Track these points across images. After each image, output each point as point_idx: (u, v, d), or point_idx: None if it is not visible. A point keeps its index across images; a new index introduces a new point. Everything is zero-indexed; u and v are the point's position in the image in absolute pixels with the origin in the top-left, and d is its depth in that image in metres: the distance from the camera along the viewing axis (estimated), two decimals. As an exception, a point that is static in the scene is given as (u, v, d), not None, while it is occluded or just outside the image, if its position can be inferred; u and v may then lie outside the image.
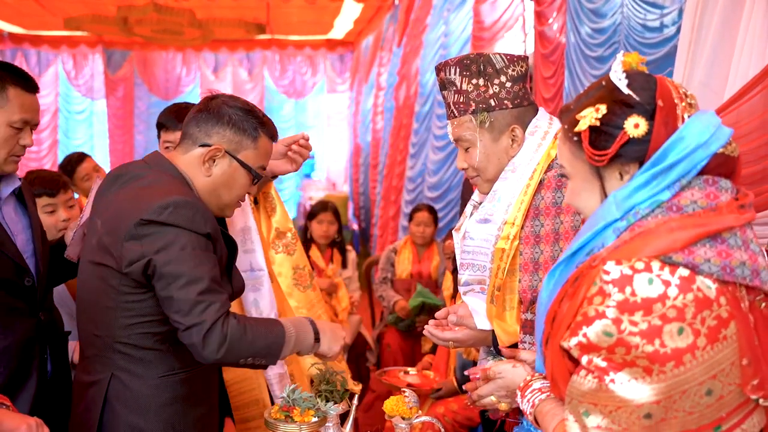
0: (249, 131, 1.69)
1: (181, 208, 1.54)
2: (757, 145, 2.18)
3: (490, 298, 1.70)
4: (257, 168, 1.73)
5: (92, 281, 1.65)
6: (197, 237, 1.55)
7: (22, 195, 1.96)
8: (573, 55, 3.57)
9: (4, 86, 1.79)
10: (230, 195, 1.72)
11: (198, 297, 1.50)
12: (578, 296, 1.08)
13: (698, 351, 1.01)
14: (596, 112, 1.13)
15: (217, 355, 1.51)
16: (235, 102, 1.72)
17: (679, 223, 1.06)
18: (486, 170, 1.74)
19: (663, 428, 1.02)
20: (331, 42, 11.06)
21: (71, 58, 11.00)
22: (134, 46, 10.73)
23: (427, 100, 6.47)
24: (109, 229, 1.58)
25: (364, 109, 9.80)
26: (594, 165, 1.15)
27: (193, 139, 1.69)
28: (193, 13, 7.92)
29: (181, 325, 1.51)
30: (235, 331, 1.52)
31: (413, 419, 1.76)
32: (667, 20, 2.96)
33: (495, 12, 4.74)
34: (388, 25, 8.19)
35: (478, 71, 1.69)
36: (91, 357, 1.68)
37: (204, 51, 11.03)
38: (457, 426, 3.00)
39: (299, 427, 1.58)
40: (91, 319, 1.66)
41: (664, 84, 1.14)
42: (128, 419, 1.63)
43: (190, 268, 1.51)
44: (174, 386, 1.66)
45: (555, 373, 1.15)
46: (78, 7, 8.24)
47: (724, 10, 2.37)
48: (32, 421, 1.39)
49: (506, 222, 1.67)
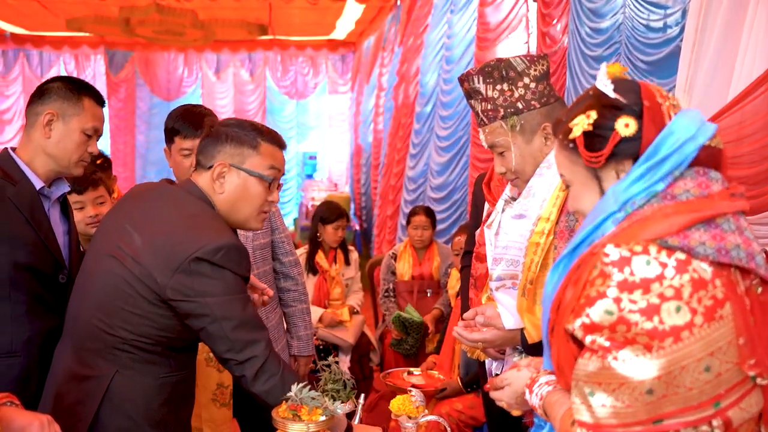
0: (247, 141, 1.75)
1: (232, 252, 1.65)
2: (761, 145, 2.19)
3: (522, 292, 1.72)
4: (268, 171, 1.76)
5: (111, 279, 1.67)
6: (241, 281, 1.69)
7: (66, 204, 2.10)
8: (574, 56, 3.58)
9: (80, 97, 2.00)
10: (250, 206, 1.77)
11: (250, 336, 1.66)
12: (581, 281, 1.13)
13: (695, 328, 1.06)
14: (587, 118, 1.20)
15: (264, 387, 1.67)
16: (230, 121, 1.82)
17: (674, 209, 1.12)
18: (524, 171, 1.76)
19: (665, 404, 1.06)
20: (333, 42, 11.07)
21: (73, 59, 11.03)
22: (136, 47, 10.75)
23: (428, 101, 6.48)
24: (156, 253, 1.64)
25: (365, 110, 9.81)
26: (591, 167, 1.22)
27: (202, 165, 1.77)
28: (195, 14, 7.94)
29: (235, 361, 1.67)
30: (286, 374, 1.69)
31: (420, 418, 1.77)
32: (669, 21, 2.97)
33: (499, 13, 4.76)
34: (389, 25, 8.20)
35: (501, 77, 1.70)
36: (92, 350, 1.69)
37: (206, 52, 11.05)
38: (462, 425, 3.01)
39: (307, 426, 1.58)
40: (102, 314, 1.68)
41: (648, 87, 1.21)
42: (123, 415, 1.67)
43: (239, 310, 1.66)
44: (170, 387, 1.73)
45: (561, 360, 1.20)
46: (80, 8, 8.25)
47: (728, 11, 2.38)
48: (44, 419, 1.39)
49: (541, 217, 1.69)
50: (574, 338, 1.14)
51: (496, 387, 1.45)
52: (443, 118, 5.97)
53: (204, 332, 1.67)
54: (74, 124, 1.97)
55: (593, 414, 1.08)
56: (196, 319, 1.65)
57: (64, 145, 1.97)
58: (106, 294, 1.68)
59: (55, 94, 1.98)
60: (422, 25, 6.63)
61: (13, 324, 1.87)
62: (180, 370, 1.75)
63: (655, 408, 1.06)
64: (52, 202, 2.02)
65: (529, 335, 1.71)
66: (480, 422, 3.04)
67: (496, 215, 1.86)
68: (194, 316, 1.64)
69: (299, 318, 2.77)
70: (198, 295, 1.62)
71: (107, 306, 1.67)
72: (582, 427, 1.10)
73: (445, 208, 5.73)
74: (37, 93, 2.00)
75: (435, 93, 6.27)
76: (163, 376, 1.71)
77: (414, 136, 6.82)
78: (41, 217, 1.93)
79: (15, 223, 1.87)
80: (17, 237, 1.87)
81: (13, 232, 1.86)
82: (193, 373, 1.87)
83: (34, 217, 1.90)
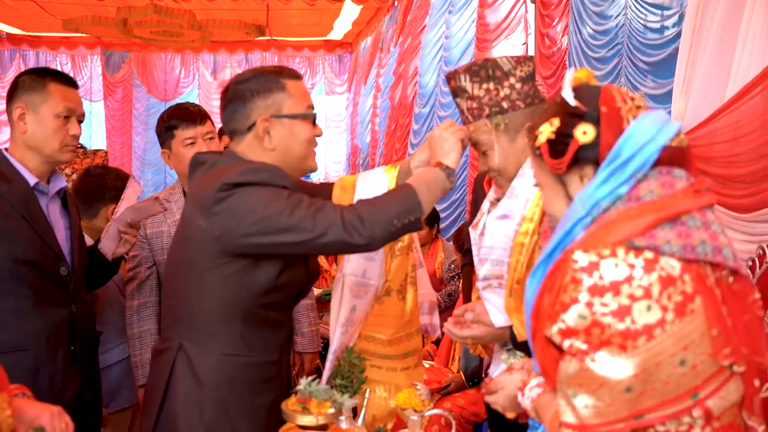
0: (273, 86, 1.70)
1: (260, 171, 1.60)
2: (758, 144, 2.23)
3: (509, 292, 1.74)
4: (306, 109, 1.73)
5: (175, 255, 1.73)
6: (278, 188, 1.59)
7: (66, 198, 2.10)
8: (575, 56, 3.62)
9: (45, 82, 1.99)
10: (301, 148, 1.72)
11: (310, 209, 1.55)
12: (555, 288, 1.17)
13: (667, 325, 1.08)
14: (550, 126, 1.25)
15: (368, 233, 1.54)
16: (244, 75, 1.74)
17: (638, 210, 1.15)
18: (506, 170, 1.78)
19: (644, 400, 1.09)
20: (330, 43, 11.09)
21: (70, 60, 11.01)
22: (133, 48, 10.75)
23: (427, 102, 6.51)
24: (194, 203, 1.64)
25: (362, 111, 9.83)
26: (556, 173, 1.26)
27: (239, 131, 1.72)
28: (193, 14, 7.94)
29: (318, 237, 1.53)
30: (364, 207, 1.57)
31: (425, 412, 1.80)
32: (668, 22, 3.01)
33: (498, 14, 4.81)
34: (387, 26, 8.23)
35: (487, 76, 1.72)
36: (166, 326, 1.75)
37: (203, 52, 11.06)
38: (463, 421, 3.04)
39: (316, 418, 1.61)
40: (170, 290, 1.74)
41: (609, 91, 1.24)
42: (188, 390, 1.65)
43: (285, 199, 1.56)
44: (235, 367, 1.66)
45: (545, 364, 1.23)
46: (77, 9, 8.25)
47: (725, 12, 2.41)
48: (55, 410, 1.41)
49: (525, 218, 1.71)
50: (555, 343, 1.17)
51: (491, 391, 1.48)
52: (442, 119, 6.00)
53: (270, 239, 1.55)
54: (44, 111, 1.97)
55: (577, 415, 1.11)
56: (253, 237, 1.55)
57: (41, 134, 1.97)
58: (173, 270, 1.72)
59: (21, 88, 1.98)
60: (420, 25, 6.66)
61: (19, 318, 1.89)
62: (250, 353, 1.68)
63: (635, 404, 1.09)
64: (50, 198, 2.03)
65: (518, 333, 1.73)
66: (481, 417, 3.07)
67: (482, 216, 1.89)
68: (249, 235, 1.55)
69: (303, 314, 2.79)
70: (237, 212, 1.55)
71: (173, 280, 1.72)
72: (568, 428, 1.13)
73: (444, 208, 5.76)
74: (8, 92, 2.02)
75: (434, 94, 6.30)
76: (228, 354, 1.65)
77: (413, 136, 6.84)
78: (36, 212, 1.95)
79: (10, 220, 1.89)
80: (14, 232, 1.89)
81: (9, 229, 1.88)
82: (274, 362, 1.76)
83: (29, 213, 1.92)
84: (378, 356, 1.96)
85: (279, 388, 1.77)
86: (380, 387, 1.97)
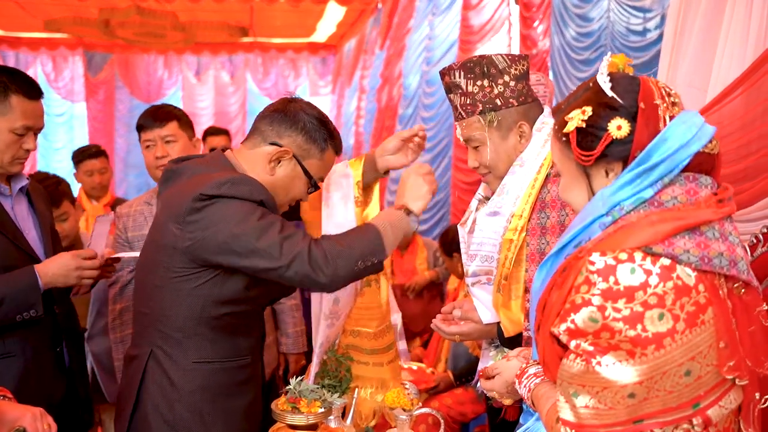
0: (319, 141, 1.73)
1: (238, 184, 1.59)
2: (738, 145, 2.26)
3: (497, 288, 1.76)
4: (317, 179, 1.76)
5: (147, 260, 1.71)
6: (254, 204, 1.59)
7: (29, 194, 2.04)
8: (558, 58, 3.65)
9: (7, 94, 1.88)
10: (285, 198, 1.76)
11: (281, 236, 1.55)
12: (566, 285, 1.15)
13: (677, 335, 1.07)
14: (582, 114, 1.20)
15: (331, 271, 1.55)
16: (312, 110, 1.76)
17: (659, 216, 1.13)
18: (497, 167, 1.80)
19: (645, 406, 1.10)
20: (314, 45, 11.08)
21: (51, 61, 10.88)
22: (115, 49, 10.64)
23: (410, 103, 6.53)
24: (170, 213, 1.62)
25: (346, 112, 9.83)
26: (581, 164, 1.22)
27: (264, 137, 1.72)
28: (176, 16, 7.90)
29: (281, 266, 1.54)
30: (330, 245, 1.58)
31: (414, 411, 1.81)
32: (650, 24, 3.05)
33: (482, 16, 4.84)
34: (371, 28, 8.24)
35: (482, 73, 1.74)
36: (136, 332, 1.74)
37: (186, 54, 10.99)
38: (450, 420, 3.05)
39: (306, 417, 1.62)
40: (141, 296, 1.72)
41: (647, 86, 1.19)
42: (160, 396, 1.65)
43: (256, 220, 1.56)
44: (206, 374, 1.67)
45: (546, 358, 1.22)
46: (59, 9, 8.17)
47: (705, 15, 2.45)
48: (36, 411, 1.41)
49: (514, 214, 1.73)
50: (559, 340, 1.17)
51: (488, 376, 1.48)
52: (425, 120, 6.02)
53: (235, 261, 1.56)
54: (1, 125, 1.89)
55: (576, 413, 1.12)
56: (221, 255, 1.56)
57: None
58: (145, 276, 1.70)
59: None
60: (405, 27, 6.68)
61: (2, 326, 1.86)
62: (220, 359, 1.68)
63: (635, 410, 1.09)
64: (15, 196, 1.98)
65: (505, 329, 1.76)
66: (468, 418, 3.09)
67: (470, 214, 1.91)
68: (218, 251, 1.56)
69: (288, 315, 2.79)
70: (210, 225, 1.55)
71: (145, 287, 1.70)
72: (565, 426, 1.13)
73: (428, 209, 5.78)
74: None
75: (417, 95, 6.32)
76: (197, 361, 1.66)
77: (396, 138, 6.85)
78: (3, 217, 1.91)
79: None
80: None
81: None
82: (250, 367, 1.77)
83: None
84: (366, 352, 1.96)
85: (254, 390, 1.78)
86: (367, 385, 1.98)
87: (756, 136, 2.19)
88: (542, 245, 1.69)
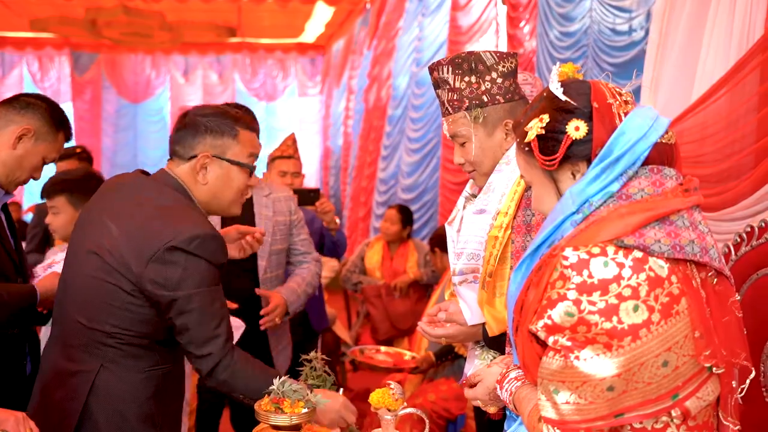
0: (227, 131, 1.76)
1: (208, 241, 1.65)
2: (723, 144, 2.27)
3: (482, 285, 1.76)
4: (248, 159, 1.79)
5: (92, 274, 1.67)
6: (215, 270, 1.68)
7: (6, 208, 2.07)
8: (542, 58, 3.66)
9: (60, 130, 2.02)
10: (231, 193, 1.79)
11: (212, 332, 1.67)
12: (542, 283, 1.17)
13: (653, 326, 1.09)
14: (540, 122, 1.24)
15: (217, 384, 1.70)
16: (205, 110, 1.80)
17: (628, 209, 1.15)
18: (482, 164, 1.80)
19: (625, 399, 1.11)
20: (302, 45, 11.06)
21: (36, 60, 10.81)
22: (102, 49, 10.59)
23: (399, 104, 6.53)
24: (132, 243, 1.64)
25: (335, 113, 9.83)
26: (547, 170, 1.25)
27: (181, 156, 1.77)
28: (163, 16, 7.87)
29: (193, 354, 1.68)
30: (238, 368, 1.70)
31: (399, 411, 1.80)
32: (634, 24, 3.06)
33: (470, 16, 4.85)
34: (359, 29, 8.24)
35: (469, 69, 1.74)
36: (77, 347, 1.69)
37: (174, 54, 10.95)
38: (435, 417, 3.04)
39: (290, 418, 1.61)
40: (85, 309, 1.68)
41: (598, 87, 1.24)
42: (111, 410, 1.67)
43: (207, 304, 1.66)
44: (157, 380, 1.72)
45: (526, 359, 1.23)
46: (45, 9, 8.12)
47: (690, 15, 2.46)
48: (19, 415, 1.41)
49: (500, 212, 1.73)
50: (538, 338, 1.18)
51: (471, 384, 1.49)
52: (414, 120, 6.03)
53: (170, 321, 1.67)
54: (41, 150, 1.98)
55: (558, 411, 1.12)
56: (166, 309, 1.65)
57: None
58: (88, 289, 1.68)
59: None
60: (394, 28, 6.68)
61: None
62: (166, 363, 1.75)
63: (615, 403, 1.10)
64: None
65: (489, 328, 1.76)
66: (453, 415, 3.08)
67: (457, 212, 1.91)
68: (165, 305, 1.64)
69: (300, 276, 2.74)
70: (171, 286, 1.62)
71: (89, 301, 1.67)
72: (548, 424, 1.14)
73: (416, 209, 5.78)
74: None
75: (406, 95, 6.33)
76: (149, 369, 1.71)
77: (385, 138, 6.86)
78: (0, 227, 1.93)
79: None
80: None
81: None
82: (181, 366, 1.86)
83: None
84: None
85: (182, 393, 1.89)
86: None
87: (740, 136, 2.21)
88: (527, 243, 1.69)
